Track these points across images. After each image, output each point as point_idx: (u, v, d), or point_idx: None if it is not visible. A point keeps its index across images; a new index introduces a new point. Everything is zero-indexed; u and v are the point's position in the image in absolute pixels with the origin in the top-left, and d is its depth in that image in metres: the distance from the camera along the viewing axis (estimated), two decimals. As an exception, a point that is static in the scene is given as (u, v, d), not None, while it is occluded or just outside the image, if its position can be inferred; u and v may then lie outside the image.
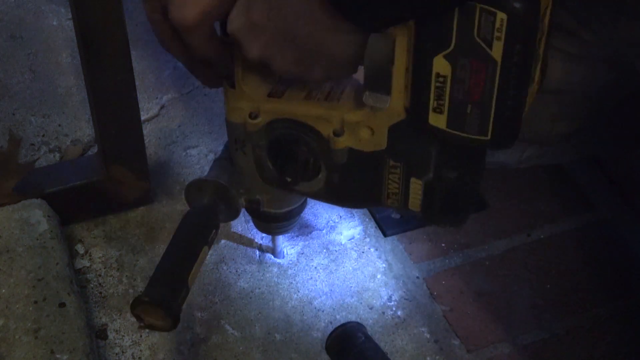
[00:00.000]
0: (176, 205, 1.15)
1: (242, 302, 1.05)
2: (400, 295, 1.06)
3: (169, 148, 1.23)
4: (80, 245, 1.10)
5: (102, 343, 1.00)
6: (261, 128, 0.78)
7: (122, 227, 1.12)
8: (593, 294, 1.07)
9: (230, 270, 1.08)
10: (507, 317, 1.04)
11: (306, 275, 1.08)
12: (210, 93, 1.31)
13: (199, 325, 1.02)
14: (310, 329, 1.03)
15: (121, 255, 1.09)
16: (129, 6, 1.39)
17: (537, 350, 1.01)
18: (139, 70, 1.31)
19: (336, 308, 1.05)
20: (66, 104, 1.28)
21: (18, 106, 1.27)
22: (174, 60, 1.36)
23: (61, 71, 1.33)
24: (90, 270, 1.07)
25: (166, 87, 1.32)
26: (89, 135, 1.22)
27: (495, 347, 1.02)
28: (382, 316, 1.04)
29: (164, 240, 1.11)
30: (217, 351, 1.00)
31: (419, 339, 1.02)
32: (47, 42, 1.37)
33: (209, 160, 1.21)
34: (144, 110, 1.25)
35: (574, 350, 1.01)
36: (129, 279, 1.06)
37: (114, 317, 1.02)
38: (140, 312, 0.78)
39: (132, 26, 1.38)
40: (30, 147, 1.20)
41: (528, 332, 1.03)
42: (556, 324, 1.04)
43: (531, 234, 1.14)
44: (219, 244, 1.10)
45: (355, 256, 1.10)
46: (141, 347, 1.00)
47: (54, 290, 0.98)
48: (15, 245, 1.02)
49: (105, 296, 1.05)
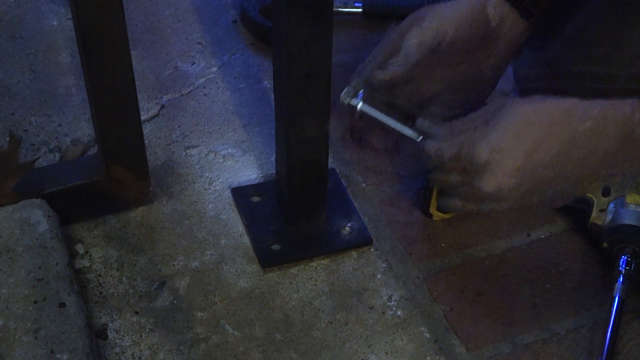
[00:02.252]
0: (176, 205, 1.15)
1: (242, 302, 1.05)
2: (400, 295, 1.06)
3: (169, 148, 1.23)
4: (80, 245, 1.10)
5: (102, 343, 1.00)
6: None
7: (122, 227, 1.12)
8: (593, 294, 1.07)
9: (230, 270, 1.08)
10: (507, 317, 1.04)
11: (306, 275, 1.08)
12: (210, 93, 1.31)
13: (199, 325, 1.02)
14: (310, 329, 1.03)
15: (121, 255, 1.09)
16: (129, 6, 1.40)
17: (537, 350, 1.01)
18: (139, 70, 1.31)
19: (336, 308, 1.05)
20: (66, 104, 1.28)
21: (18, 106, 1.27)
22: (174, 60, 1.36)
23: (61, 71, 1.33)
24: (90, 270, 1.07)
25: (166, 87, 1.32)
26: (89, 135, 1.22)
27: (495, 346, 1.02)
28: (382, 316, 1.04)
29: (164, 240, 1.11)
30: (217, 351, 1.00)
31: (419, 339, 1.02)
32: (47, 42, 1.37)
33: (209, 160, 1.21)
34: (144, 110, 1.25)
35: (574, 350, 1.01)
36: (129, 279, 1.06)
37: (114, 317, 1.02)
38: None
39: (132, 26, 1.38)
40: (30, 147, 1.20)
41: (528, 332, 1.03)
42: (556, 324, 1.04)
43: (531, 234, 1.14)
44: (219, 244, 1.10)
45: (355, 256, 1.10)
46: (141, 347, 1.00)
47: (54, 290, 0.98)
48: (15, 245, 1.02)
49: (105, 296, 1.05)
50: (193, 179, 1.19)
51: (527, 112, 0.84)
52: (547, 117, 0.83)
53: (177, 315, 1.03)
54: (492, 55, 0.94)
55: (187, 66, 1.35)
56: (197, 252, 1.10)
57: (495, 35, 0.93)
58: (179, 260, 1.09)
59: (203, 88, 1.32)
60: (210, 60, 1.36)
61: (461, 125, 0.87)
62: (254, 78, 1.34)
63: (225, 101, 1.30)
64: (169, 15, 1.44)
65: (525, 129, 0.83)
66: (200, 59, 1.36)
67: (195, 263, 1.09)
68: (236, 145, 1.23)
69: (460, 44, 0.91)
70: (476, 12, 0.91)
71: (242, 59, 1.37)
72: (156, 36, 1.40)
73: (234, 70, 1.35)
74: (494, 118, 0.84)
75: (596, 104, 0.82)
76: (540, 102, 0.84)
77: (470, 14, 0.91)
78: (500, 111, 0.84)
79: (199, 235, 1.12)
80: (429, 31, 0.90)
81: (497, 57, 0.95)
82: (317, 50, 0.94)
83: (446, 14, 0.91)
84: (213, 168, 1.20)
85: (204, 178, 1.19)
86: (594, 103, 0.82)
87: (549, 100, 0.84)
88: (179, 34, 1.41)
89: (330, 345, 1.01)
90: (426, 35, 0.90)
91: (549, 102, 0.84)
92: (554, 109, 0.83)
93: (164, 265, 1.08)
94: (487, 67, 0.95)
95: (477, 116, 0.87)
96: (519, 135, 0.83)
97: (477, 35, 0.91)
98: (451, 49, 0.91)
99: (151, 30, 1.41)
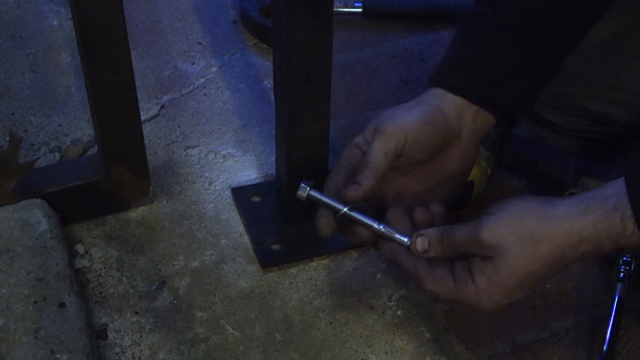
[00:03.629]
0: (176, 205, 1.15)
1: (242, 302, 1.05)
2: (400, 295, 1.06)
3: (169, 148, 1.23)
4: (80, 245, 1.10)
5: (102, 343, 1.00)
6: None
7: (122, 227, 1.12)
8: (593, 294, 1.07)
9: (230, 270, 1.08)
10: (507, 317, 1.04)
11: (306, 275, 1.08)
12: (210, 93, 1.31)
13: (199, 325, 1.02)
14: (310, 329, 1.03)
15: (121, 255, 1.09)
16: (129, 6, 1.40)
17: (537, 350, 1.01)
18: (139, 70, 1.31)
19: (336, 308, 1.05)
20: (66, 104, 1.28)
21: (18, 106, 1.27)
22: (174, 60, 1.36)
23: (61, 71, 1.33)
24: (90, 270, 1.07)
25: (166, 87, 1.32)
26: (89, 135, 1.22)
27: (495, 346, 1.02)
28: (382, 316, 1.04)
29: (164, 240, 1.11)
30: (217, 351, 1.00)
31: (419, 339, 1.02)
32: (47, 42, 1.37)
33: (209, 160, 1.21)
34: (144, 110, 1.25)
35: (574, 350, 1.01)
36: (129, 279, 1.06)
37: (114, 317, 1.02)
38: None
39: (132, 26, 1.38)
40: (30, 147, 1.21)
41: (528, 332, 1.03)
42: (556, 324, 1.04)
43: (531, 234, 1.14)
44: (219, 244, 1.11)
45: (355, 256, 1.10)
46: (141, 347, 1.00)
47: (54, 290, 0.98)
48: (15, 245, 1.02)
49: (105, 296, 1.05)
50: (193, 179, 1.19)
51: (523, 268, 0.84)
52: (542, 268, 0.84)
53: (177, 315, 1.03)
54: (458, 149, 0.94)
55: (187, 66, 1.35)
56: (197, 252, 1.10)
57: (457, 131, 0.93)
58: (179, 260, 1.09)
59: (203, 88, 1.32)
60: (210, 60, 1.36)
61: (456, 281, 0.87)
62: (254, 78, 1.34)
63: (225, 101, 1.30)
64: (169, 15, 1.44)
65: (523, 285, 0.85)
66: (200, 59, 1.36)
67: (195, 263, 1.09)
68: (236, 145, 1.23)
69: (422, 144, 0.91)
70: (432, 112, 0.91)
71: (242, 59, 1.37)
72: (156, 36, 1.40)
73: (234, 70, 1.35)
74: (492, 279, 0.84)
75: (588, 222, 0.82)
76: (532, 247, 0.83)
77: (427, 114, 0.91)
78: (496, 266, 0.84)
79: (199, 235, 1.12)
80: (392, 138, 0.89)
81: (463, 149, 0.94)
82: (317, 50, 0.94)
83: (405, 117, 0.91)
84: (213, 168, 1.20)
85: (204, 178, 1.19)
86: (586, 220, 0.82)
87: (540, 234, 0.83)
88: (179, 34, 1.41)
89: (330, 345, 1.01)
90: (390, 143, 0.89)
91: (541, 243, 0.83)
92: (548, 252, 0.83)
93: (164, 265, 1.08)
94: (453, 162, 0.95)
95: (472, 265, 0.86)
96: (518, 288, 0.85)
97: (438, 133, 0.91)
98: (414, 150, 0.91)
99: (151, 30, 1.41)
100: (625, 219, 0.80)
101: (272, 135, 1.10)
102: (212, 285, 1.06)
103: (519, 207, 0.84)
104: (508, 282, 0.84)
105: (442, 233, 0.87)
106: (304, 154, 1.04)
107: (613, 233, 0.81)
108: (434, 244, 0.87)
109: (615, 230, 0.81)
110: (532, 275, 0.84)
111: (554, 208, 0.83)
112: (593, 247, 0.82)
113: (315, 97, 0.98)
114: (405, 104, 0.93)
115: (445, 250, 0.87)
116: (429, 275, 0.87)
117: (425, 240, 0.87)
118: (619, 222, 0.81)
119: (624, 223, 0.80)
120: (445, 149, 0.93)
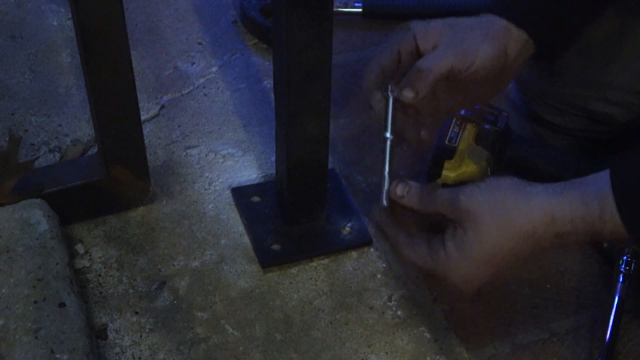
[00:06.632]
0: (176, 205, 1.15)
1: (242, 302, 1.05)
2: (400, 295, 1.06)
3: (169, 148, 1.23)
4: (80, 245, 1.10)
5: (102, 343, 1.00)
6: None
7: (122, 227, 1.12)
8: (593, 294, 1.07)
9: (230, 270, 1.08)
10: (507, 317, 1.04)
11: (306, 275, 1.08)
12: (210, 93, 1.31)
13: (199, 325, 1.02)
14: (310, 329, 1.03)
15: (121, 255, 1.09)
16: (129, 6, 1.40)
17: (537, 350, 1.01)
18: (139, 71, 1.31)
19: (336, 308, 1.05)
20: (66, 104, 1.28)
21: (18, 106, 1.27)
22: (174, 60, 1.36)
23: (61, 71, 1.33)
24: (90, 270, 1.07)
25: (166, 87, 1.32)
26: (89, 135, 1.22)
27: (495, 346, 1.02)
28: (382, 316, 1.04)
29: (164, 240, 1.11)
30: (217, 351, 1.00)
31: (419, 339, 1.02)
32: (47, 42, 1.37)
33: (209, 160, 1.21)
34: (144, 110, 1.25)
35: (574, 350, 1.01)
36: (129, 279, 1.06)
37: (114, 317, 1.02)
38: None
39: (132, 26, 1.38)
40: (30, 147, 1.21)
41: (528, 332, 1.03)
42: (556, 324, 1.04)
43: (531, 234, 1.14)
44: (219, 244, 1.11)
45: (355, 256, 1.10)
46: (141, 347, 1.00)
47: (54, 290, 0.98)
48: (15, 245, 1.02)
49: (105, 296, 1.05)
50: (193, 179, 1.19)
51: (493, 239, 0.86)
52: (512, 242, 0.86)
53: (177, 315, 1.03)
54: (506, 81, 1.01)
55: (187, 66, 1.35)
56: (197, 252, 1.10)
57: (511, 65, 0.98)
58: (179, 260, 1.09)
59: (203, 88, 1.32)
60: (210, 60, 1.36)
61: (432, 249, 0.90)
62: (254, 78, 1.34)
63: (225, 101, 1.30)
64: (169, 15, 1.44)
65: (492, 260, 0.87)
66: (200, 59, 1.36)
67: (195, 263, 1.09)
68: (236, 145, 1.23)
69: (480, 73, 0.96)
70: (498, 57, 0.96)
71: (242, 59, 1.37)
72: (156, 36, 1.40)
73: (234, 70, 1.35)
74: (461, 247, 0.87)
75: (564, 202, 0.83)
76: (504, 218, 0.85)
77: (494, 59, 0.96)
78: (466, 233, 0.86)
79: (199, 235, 1.12)
80: (453, 58, 0.95)
81: (509, 81, 1.01)
82: (317, 50, 0.94)
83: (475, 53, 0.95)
84: (213, 168, 1.20)
85: (204, 178, 1.19)
86: (562, 200, 0.84)
87: (514, 207, 0.86)
88: (179, 34, 1.41)
89: (330, 345, 1.01)
90: (448, 60, 0.94)
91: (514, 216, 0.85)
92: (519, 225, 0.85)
93: (164, 265, 1.08)
94: (499, 90, 1.02)
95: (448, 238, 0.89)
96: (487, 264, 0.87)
97: (495, 73, 0.97)
98: (471, 78, 0.96)
99: (151, 30, 1.41)
100: (603, 206, 0.81)
101: (272, 135, 1.10)
102: (212, 285, 1.06)
103: (500, 181, 0.88)
104: (476, 252, 0.86)
105: (424, 187, 0.92)
106: (304, 154, 1.04)
107: (588, 217, 0.82)
108: (412, 193, 0.92)
109: (592, 214, 0.82)
110: (502, 250, 0.85)
111: (533, 186, 0.86)
112: (567, 228, 0.83)
113: (315, 97, 0.98)
114: (469, 24, 0.97)
115: (421, 203, 0.91)
116: (407, 244, 0.92)
117: (406, 188, 0.93)
118: (596, 207, 0.82)
119: (601, 209, 0.81)
120: (498, 79, 0.98)
